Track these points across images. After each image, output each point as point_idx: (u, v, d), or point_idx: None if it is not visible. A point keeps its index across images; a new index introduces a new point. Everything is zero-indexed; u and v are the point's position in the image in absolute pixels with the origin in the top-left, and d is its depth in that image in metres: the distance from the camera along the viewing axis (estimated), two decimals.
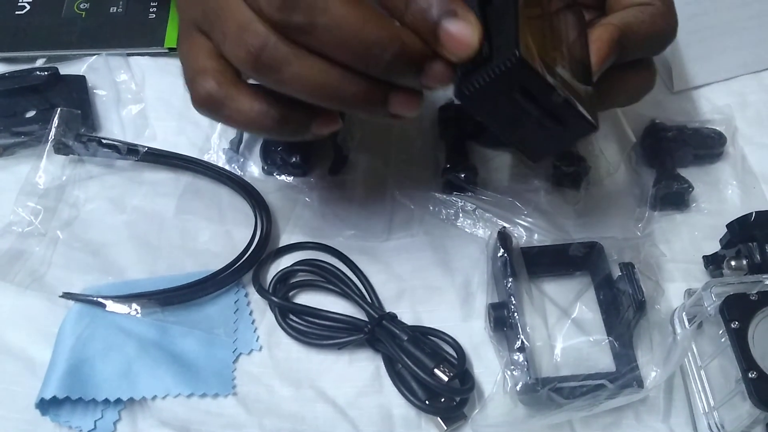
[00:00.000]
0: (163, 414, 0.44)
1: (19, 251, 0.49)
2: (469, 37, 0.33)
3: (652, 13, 0.40)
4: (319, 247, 0.50)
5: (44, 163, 0.52)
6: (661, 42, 0.42)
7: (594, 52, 0.38)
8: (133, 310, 0.46)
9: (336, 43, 0.33)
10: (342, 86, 0.34)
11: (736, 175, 0.52)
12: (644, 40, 0.40)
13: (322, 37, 0.33)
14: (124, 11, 0.61)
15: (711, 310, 0.41)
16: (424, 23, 0.33)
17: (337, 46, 0.33)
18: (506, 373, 0.43)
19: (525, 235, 0.49)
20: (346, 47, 0.33)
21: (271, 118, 0.37)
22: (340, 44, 0.33)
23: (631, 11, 0.40)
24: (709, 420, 0.42)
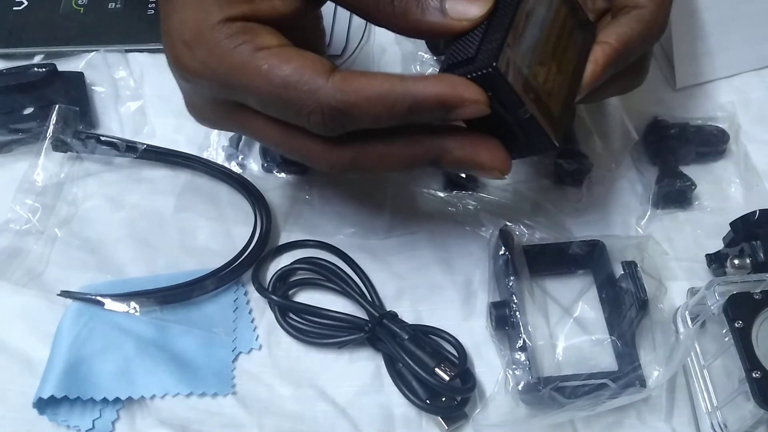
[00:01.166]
0: (162, 413, 0.44)
1: (16, 249, 0.49)
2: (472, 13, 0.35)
3: (647, 21, 0.40)
4: (319, 245, 0.50)
5: (42, 161, 0.52)
6: (652, 43, 0.42)
7: (588, 73, 0.39)
8: (131, 309, 0.46)
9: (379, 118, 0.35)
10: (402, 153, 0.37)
11: (739, 173, 0.52)
12: (639, 48, 0.40)
13: (366, 123, 0.35)
14: (122, 7, 0.61)
15: (714, 309, 0.41)
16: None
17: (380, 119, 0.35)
18: (508, 372, 0.43)
19: (527, 233, 0.49)
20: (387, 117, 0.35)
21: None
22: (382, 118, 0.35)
23: (626, 20, 0.40)
24: (712, 420, 0.42)
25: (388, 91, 0.34)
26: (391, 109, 0.34)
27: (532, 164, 0.53)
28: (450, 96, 0.34)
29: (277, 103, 0.35)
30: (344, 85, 0.34)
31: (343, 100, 0.34)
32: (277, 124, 0.37)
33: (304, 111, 0.34)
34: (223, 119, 0.40)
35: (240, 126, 0.39)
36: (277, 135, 0.37)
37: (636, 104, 0.54)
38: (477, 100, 0.34)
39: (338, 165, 0.37)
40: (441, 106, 0.34)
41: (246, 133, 0.40)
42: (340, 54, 0.57)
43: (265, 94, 0.35)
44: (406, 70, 0.57)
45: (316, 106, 0.34)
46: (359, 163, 0.37)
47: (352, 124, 0.35)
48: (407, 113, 0.34)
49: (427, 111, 0.34)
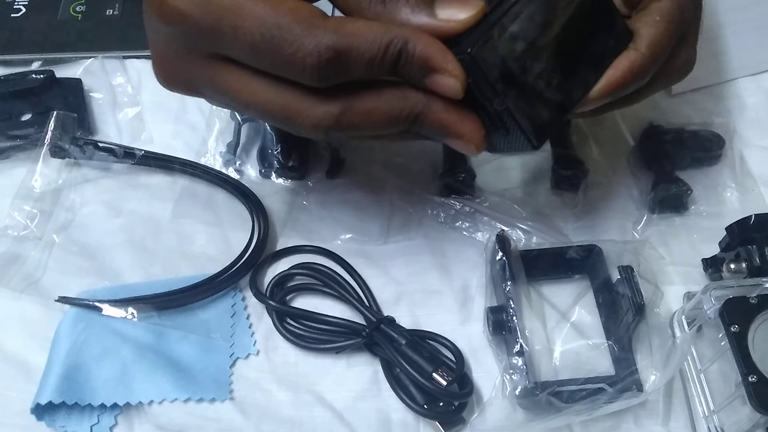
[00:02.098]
0: (160, 419, 0.43)
1: (14, 255, 0.49)
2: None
3: (673, 15, 0.39)
4: (317, 251, 0.50)
5: (40, 167, 0.52)
6: (680, 32, 0.40)
7: (602, 81, 0.38)
8: (129, 314, 0.46)
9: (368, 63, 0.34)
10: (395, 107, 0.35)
11: (735, 178, 0.52)
12: (668, 46, 0.39)
13: (360, 68, 0.34)
14: (120, 13, 0.61)
15: (710, 313, 0.41)
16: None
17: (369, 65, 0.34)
18: (505, 377, 0.43)
19: (524, 238, 0.49)
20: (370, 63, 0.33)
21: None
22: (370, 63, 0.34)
23: (651, 20, 0.39)
24: (708, 424, 0.42)
25: (385, 32, 0.33)
26: (384, 52, 0.33)
27: (529, 170, 0.53)
28: (435, 58, 0.33)
29: (270, 48, 0.33)
30: (341, 28, 0.33)
31: (341, 42, 0.32)
32: (261, 79, 0.35)
33: (299, 54, 0.32)
34: (197, 77, 0.37)
35: (216, 84, 0.36)
36: (259, 92, 0.35)
37: (632, 110, 0.54)
38: (456, 75, 0.34)
39: (323, 122, 0.35)
40: (425, 63, 0.33)
41: (222, 92, 0.37)
42: None
43: (258, 38, 0.33)
44: None
45: (312, 48, 0.32)
46: (345, 120, 0.35)
47: (346, 70, 0.33)
48: (397, 59, 0.33)
49: (412, 62, 0.33)
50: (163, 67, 0.38)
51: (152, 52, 0.38)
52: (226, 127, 0.55)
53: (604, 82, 0.38)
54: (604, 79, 0.38)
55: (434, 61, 0.33)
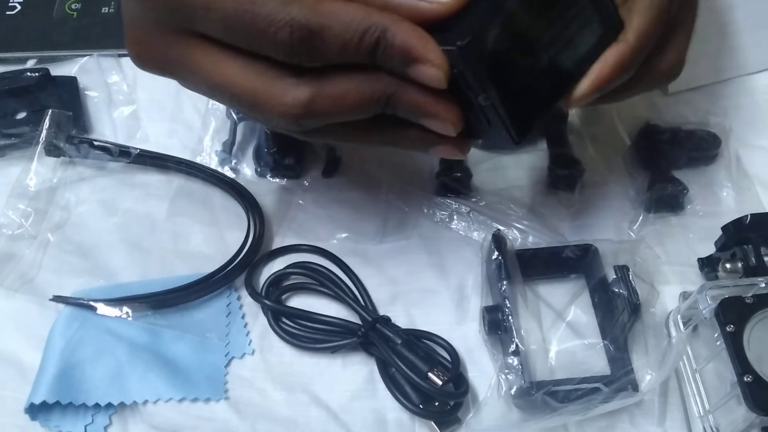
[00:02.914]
0: (155, 419, 0.43)
1: (9, 254, 0.49)
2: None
3: (657, 9, 0.37)
4: (313, 250, 0.50)
5: (35, 165, 0.52)
6: (667, 22, 0.38)
7: (592, 74, 0.36)
8: (124, 314, 0.45)
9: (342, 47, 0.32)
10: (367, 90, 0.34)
11: (731, 178, 0.52)
12: (653, 40, 0.38)
13: (333, 51, 0.32)
14: (115, 11, 0.61)
15: (706, 313, 0.41)
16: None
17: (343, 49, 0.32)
18: (501, 376, 0.43)
19: (519, 237, 0.49)
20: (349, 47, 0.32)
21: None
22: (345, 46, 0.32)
23: (640, 8, 0.37)
24: (704, 423, 0.42)
25: (363, 17, 0.32)
26: (361, 39, 0.32)
27: (525, 169, 0.53)
28: (416, 48, 0.32)
29: (242, 21, 0.32)
30: (318, 5, 0.32)
31: (315, 20, 0.32)
32: (232, 59, 0.34)
33: (271, 28, 0.32)
34: (169, 55, 0.36)
35: (188, 63, 0.35)
36: (229, 72, 0.34)
37: (628, 109, 0.54)
38: (439, 65, 0.33)
39: (293, 108, 0.34)
40: (405, 53, 0.32)
41: (192, 72, 0.36)
42: None
43: (231, 11, 0.32)
44: None
45: (286, 21, 0.31)
46: (315, 106, 0.34)
47: (319, 51, 0.32)
48: (374, 47, 0.32)
49: (392, 53, 0.32)
50: (136, 45, 0.37)
51: (126, 30, 0.37)
52: (222, 126, 0.55)
53: (593, 77, 0.36)
54: (593, 73, 0.36)
55: (415, 51, 0.32)
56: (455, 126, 0.35)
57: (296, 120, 0.34)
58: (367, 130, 0.37)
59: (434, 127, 0.36)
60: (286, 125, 0.35)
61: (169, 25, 0.35)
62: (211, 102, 0.55)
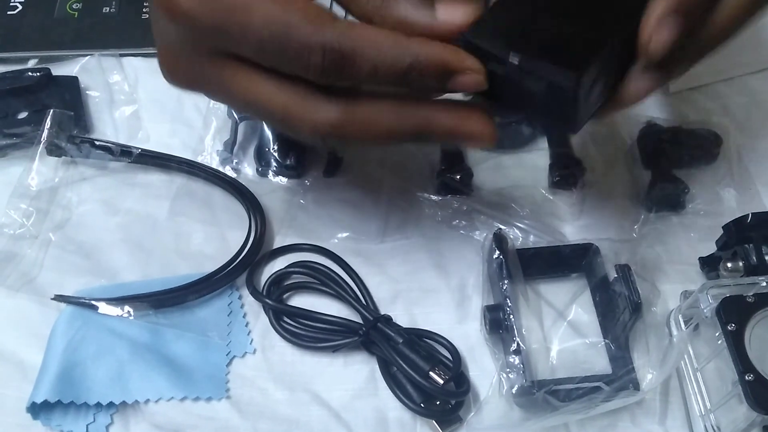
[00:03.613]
0: (156, 418, 0.43)
1: (10, 253, 0.49)
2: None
3: None
4: (314, 249, 0.50)
5: (36, 165, 0.52)
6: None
7: (642, 35, 0.34)
8: (125, 313, 0.45)
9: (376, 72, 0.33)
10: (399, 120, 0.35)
11: (732, 177, 0.52)
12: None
13: (364, 73, 0.33)
14: (117, 11, 0.61)
15: (707, 312, 0.41)
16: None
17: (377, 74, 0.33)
18: (502, 375, 0.43)
19: (521, 236, 0.49)
20: (384, 72, 0.33)
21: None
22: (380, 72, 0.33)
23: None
24: (705, 422, 0.42)
25: (393, 45, 0.33)
26: (393, 64, 0.33)
27: (526, 168, 0.53)
28: (452, 60, 0.34)
29: (277, 45, 0.33)
30: (350, 31, 0.33)
31: (347, 44, 0.33)
32: (264, 78, 0.35)
33: (305, 50, 0.33)
34: (202, 74, 0.37)
35: (220, 81, 0.37)
36: (262, 90, 0.35)
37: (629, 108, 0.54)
38: (477, 70, 0.34)
39: (322, 126, 0.35)
40: (443, 69, 0.34)
41: (225, 90, 0.37)
42: None
43: (266, 35, 0.33)
44: None
45: (319, 46, 0.32)
46: (344, 127, 0.35)
47: (350, 73, 0.33)
48: (407, 71, 0.33)
49: (427, 73, 0.34)
50: (168, 63, 0.39)
51: (158, 47, 0.39)
52: (223, 126, 0.55)
53: (643, 31, 0.34)
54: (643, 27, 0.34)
55: (452, 64, 0.34)
56: (491, 139, 0.36)
57: (324, 138, 0.36)
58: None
59: (471, 144, 0.37)
60: (313, 140, 0.36)
61: (203, 47, 0.36)
62: (212, 102, 0.55)
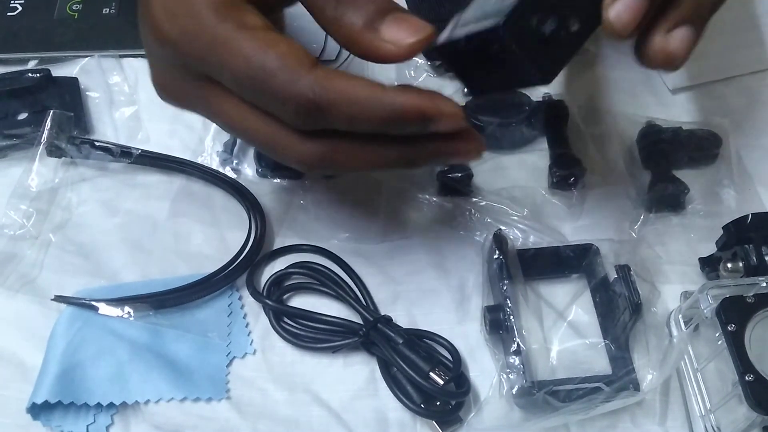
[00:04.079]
0: (156, 418, 0.43)
1: (10, 254, 0.49)
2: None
3: None
4: (314, 250, 0.50)
5: (36, 166, 0.52)
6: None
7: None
8: (125, 314, 0.45)
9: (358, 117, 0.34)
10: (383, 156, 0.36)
11: (732, 177, 0.52)
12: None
13: (341, 123, 0.34)
14: (116, 12, 0.61)
15: (707, 312, 0.41)
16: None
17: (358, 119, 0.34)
18: (502, 376, 0.43)
19: (521, 237, 0.49)
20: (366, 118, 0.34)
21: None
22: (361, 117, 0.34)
23: None
24: (705, 423, 0.42)
25: (368, 97, 0.33)
26: (369, 116, 0.33)
27: (526, 169, 0.53)
28: (429, 109, 0.34)
29: (254, 86, 0.34)
30: (325, 82, 0.33)
31: (322, 96, 0.33)
32: (249, 109, 0.35)
33: (279, 98, 0.33)
34: (191, 96, 0.38)
35: (208, 105, 0.37)
36: (247, 120, 0.36)
37: (629, 108, 0.54)
38: (455, 114, 0.34)
39: (307, 160, 0.36)
40: (420, 118, 0.34)
41: (213, 114, 0.38)
42: (335, 59, 0.57)
43: (243, 76, 0.33)
44: (401, 75, 0.57)
45: (293, 96, 0.33)
46: (329, 161, 0.36)
47: (325, 122, 0.34)
48: (384, 122, 0.34)
49: (406, 123, 0.34)
50: (159, 81, 0.39)
51: (150, 65, 0.39)
52: None
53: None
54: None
55: (429, 113, 0.34)
56: (480, 150, 0.37)
57: (311, 168, 0.37)
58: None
59: (460, 160, 0.37)
60: (301, 169, 0.38)
61: (189, 70, 0.36)
62: None
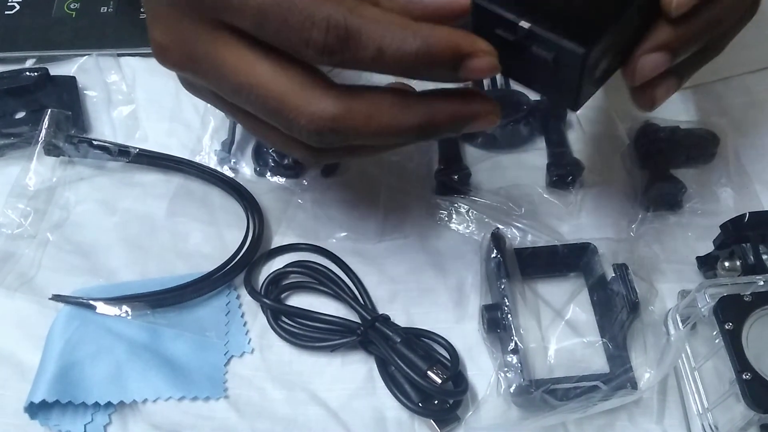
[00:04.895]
0: (154, 417, 0.43)
1: (8, 253, 0.49)
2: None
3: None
4: (312, 249, 0.50)
5: (34, 165, 0.52)
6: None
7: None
8: (123, 313, 0.45)
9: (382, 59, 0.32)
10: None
11: (730, 176, 0.52)
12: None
13: (368, 56, 0.32)
14: (114, 11, 0.61)
15: (705, 311, 0.41)
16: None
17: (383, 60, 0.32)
18: (500, 374, 0.43)
19: (518, 236, 0.49)
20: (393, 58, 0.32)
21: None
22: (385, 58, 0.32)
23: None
24: (703, 421, 0.42)
25: (402, 25, 0.31)
26: (400, 47, 0.31)
27: (524, 168, 0.53)
28: (463, 44, 0.32)
29: (279, 13, 0.31)
30: (358, 8, 0.31)
31: (353, 21, 0.31)
32: (263, 56, 0.33)
33: (308, 22, 0.31)
34: (198, 51, 0.34)
35: (214, 58, 0.34)
36: (258, 73, 0.33)
37: (626, 107, 0.54)
38: (490, 52, 0.32)
39: (320, 119, 0.33)
40: (454, 52, 0.32)
41: (219, 71, 0.34)
42: None
43: (268, 1, 0.31)
44: None
45: (323, 19, 0.31)
46: (344, 121, 0.33)
47: (353, 55, 0.31)
48: (415, 56, 0.31)
49: (438, 58, 0.32)
50: (161, 36, 0.36)
51: (150, 19, 0.36)
52: (221, 125, 0.55)
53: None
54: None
55: (464, 48, 0.32)
56: (498, 113, 0.35)
57: (320, 133, 0.33)
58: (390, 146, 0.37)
59: (478, 126, 0.35)
60: (307, 137, 0.34)
61: (199, 14, 0.34)
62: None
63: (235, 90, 0.34)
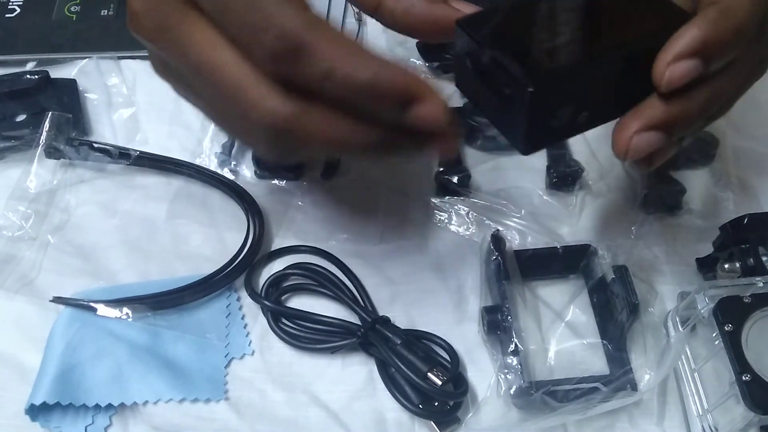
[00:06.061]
0: (155, 419, 0.43)
1: (9, 256, 0.49)
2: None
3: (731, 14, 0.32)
4: (312, 251, 0.50)
5: (35, 168, 0.52)
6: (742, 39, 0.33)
7: (671, 46, 0.31)
8: (124, 315, 0.46)
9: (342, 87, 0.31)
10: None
11: (729, 178, 0.52)
12: (731, 45, 0.32)
13: (315, 74, 0.31)
14: (114, 14, 0.61)
15: (704, 312, 0.41)
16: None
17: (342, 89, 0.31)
18: (500, 376, 0.43)
19: (518, 237, 0.49)
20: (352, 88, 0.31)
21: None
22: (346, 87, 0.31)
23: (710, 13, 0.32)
24: (702, 423, 0.42)
25: (355, 53, 0.31)
26: (349, 74, 0.30)
27: (524, 170, 0.53)
28: (413, 86, 0.31)
29: (238, 10, 0.31)
30: (316, 25, 0.30)
31: (307, 36, 0.30)
32: (224, 44, 0.32)
33: (263, 25, 0.30)
34: (167, 23, 0.34)
35: (183, 33, 0.33)
36: (219, 56, 0.32)
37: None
38: (438, 101, 0.32)
39: (274, 117, 0.32)
40: (402, 93, 0.31)
41: (183, 46, 0.33)
42: None
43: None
44: None
45: (277, 26, 0.30)
46: (298, 123, 0.32)
47: (300, 69, 0.31)
48: (362, 88, 0.31)
49: (385, 95, 0.31)
50: (137, 3, 0.35)
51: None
52: None
53: (688, 37, 0.31)
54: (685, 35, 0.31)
55: (413, 90, 0.31)
56: (454, 149, 0.35)
57: (271, 132, 0.33)
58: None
59: (435, 153, 0.34)
60: (264, 135, 0.33)
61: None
62: None
63: (196, 69, 0.34)
